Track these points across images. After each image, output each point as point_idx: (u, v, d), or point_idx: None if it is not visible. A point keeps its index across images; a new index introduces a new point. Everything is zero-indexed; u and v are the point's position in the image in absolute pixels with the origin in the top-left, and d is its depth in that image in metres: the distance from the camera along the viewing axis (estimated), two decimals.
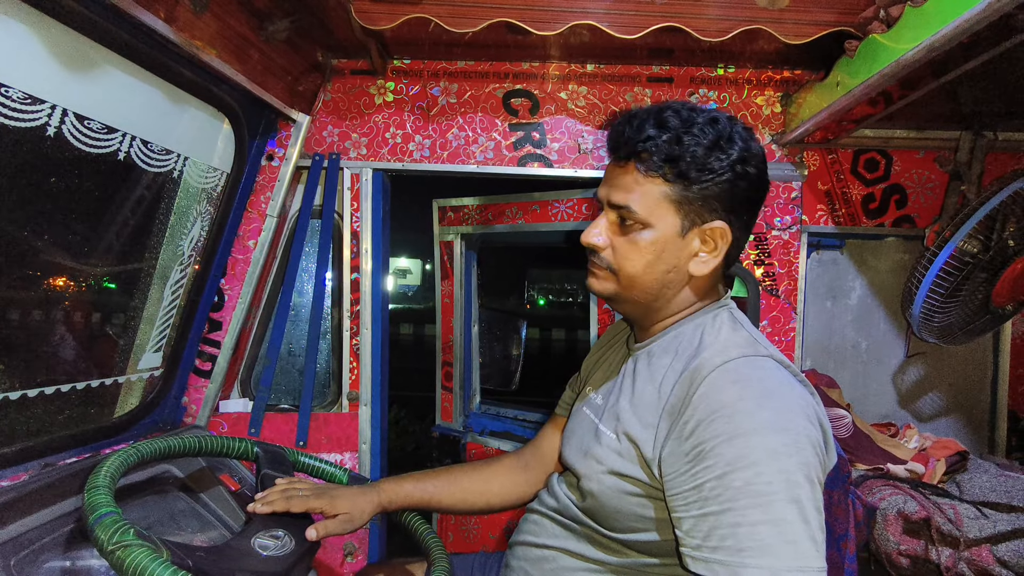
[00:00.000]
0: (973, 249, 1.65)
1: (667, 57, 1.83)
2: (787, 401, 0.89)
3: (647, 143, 0.99)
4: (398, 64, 1.90)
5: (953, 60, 1.31)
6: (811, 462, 0.84)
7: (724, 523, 0.83)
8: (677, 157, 0.98)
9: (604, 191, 1.07)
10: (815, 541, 0.80)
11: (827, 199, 1.97)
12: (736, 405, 0.88)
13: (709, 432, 0.87)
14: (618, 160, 1.03)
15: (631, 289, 1.06)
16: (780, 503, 0.80)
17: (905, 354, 2.11)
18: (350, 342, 1.94)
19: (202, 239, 1.70)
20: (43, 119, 1.14)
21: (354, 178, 1.91)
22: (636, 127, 1.00)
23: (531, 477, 1.38)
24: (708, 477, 0.85)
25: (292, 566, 1.11)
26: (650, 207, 1.01)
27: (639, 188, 1.01)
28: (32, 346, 1.44)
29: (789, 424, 0.86)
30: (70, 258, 1.45)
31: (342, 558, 1.95)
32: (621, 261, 1.05)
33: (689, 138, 0.98)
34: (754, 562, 0.79)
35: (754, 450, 0.83)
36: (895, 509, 1.47)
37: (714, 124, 1.00)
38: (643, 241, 1.02)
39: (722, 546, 0.82)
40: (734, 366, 0.93)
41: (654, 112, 1.01)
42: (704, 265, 1.05)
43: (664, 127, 0.98)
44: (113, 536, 0.84)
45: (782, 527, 0.79)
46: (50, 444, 1.35)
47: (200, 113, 1.56)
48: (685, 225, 1.02)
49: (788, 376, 0.95)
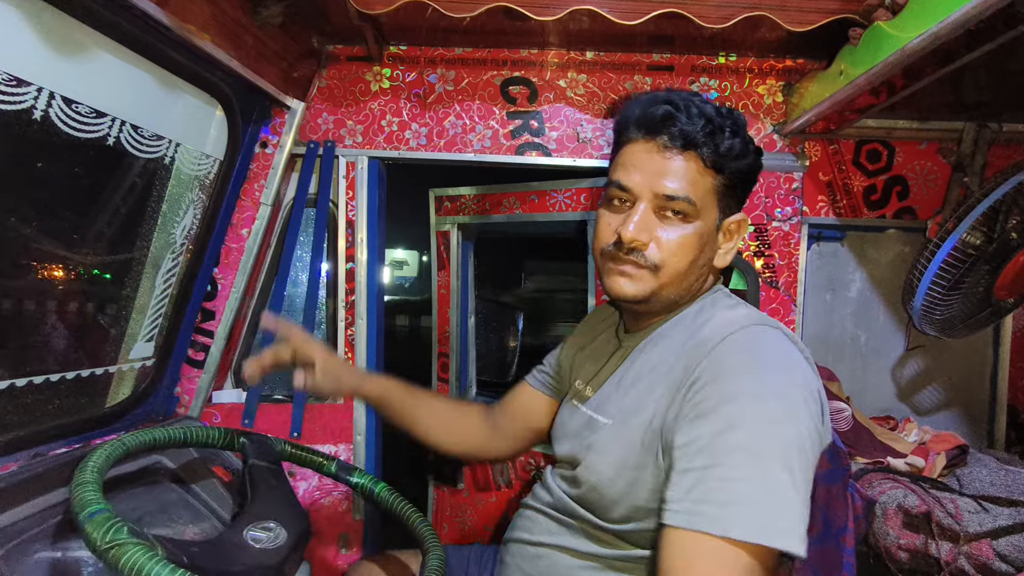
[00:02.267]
0: (976, 241, 1.63)
1: (668, 45, 1.81)
2: (791, 371, 0.89)
3: (707, 133, 0.97)
4: (394, 50, 1.87)
5: (958, 49, 1.29)
6: (808, 434, 0.84)
7: (712, 476, 0.81)
8: (729, 150, 0.99)
9: (643, 178, 1.00)
10: (801, 513, 0.79)
11: (828, 190, 1.95)
12: (740, 368, 0.88)
13: (711, 392, 0.87)
14: (668, 146, 0.98)
15: (669, 287, 1.02)
16: (775, 466, 0.79)
17: (905, 347, 2.10)
18: (345, 332, 1.92)
19: (195, 227, 1.68)
20: (29, 102, 1.11)
21: (349, 166, 1.89)
22: (688, 114, 0.98)
23: (495, 439, 1.41)
24: (703, 432, 0.84)
25: (285, 558, 1.10)
26: (702, 198, 1.00)
27: (697, 178, 0.99)
28: (21, 335, 1.42)
29: (791, 393, 0.86)
30: (59, 246, 1.43)
31: (337, 549, 1.94)
32: (668, 257, 1.00)
33: (730, 130, 0.99)
34: (745, 516, 0.77)
35: (754, 412, 0.83)
36: (895, 503, 1.46)
37: (736, 117, 1.02)
38: (691, 234, 1.00)
39: (708, 499, 0.80)
40: (742, 335, 0.93)
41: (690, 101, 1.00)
42: (726, 256, 1.07)
43: (710, 119, 0.98)
44: (106, 534, 0.83)
45: (774, 489, 0.79)
46: (40, 434, 1.33)
47: (192, 99, 1.53)
48: (720, 218, 1.03)
49: (793, 348, 0.95)
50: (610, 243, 1.03)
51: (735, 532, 0.76)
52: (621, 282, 1.03)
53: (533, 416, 1.37)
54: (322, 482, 1.92)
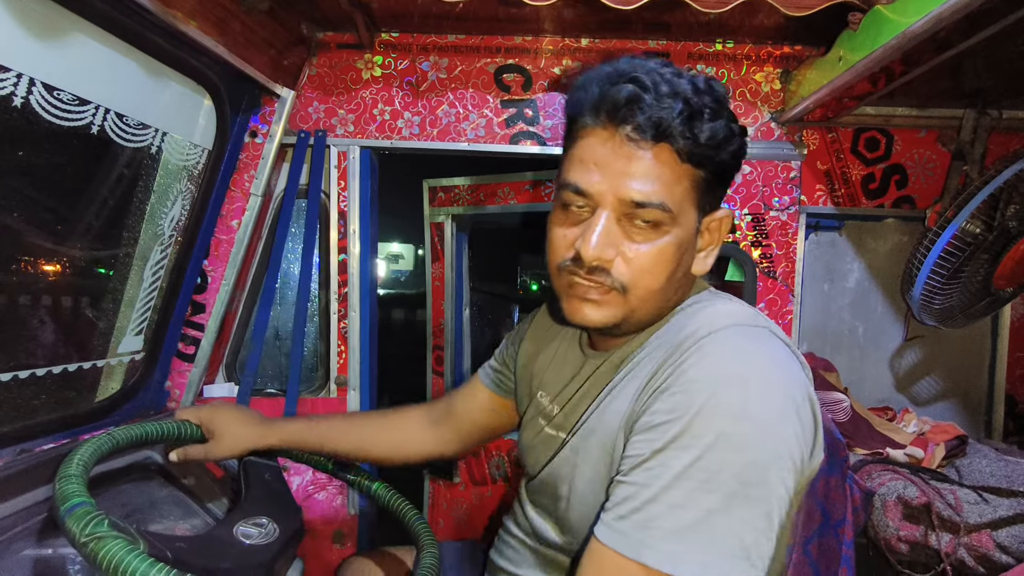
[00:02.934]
0: (975, 230, 1.61)
1: (664, 31, 1.78)
2: (769, 383, 0.74)
3: (684, 119, 0.78)
4: (386, 37, 1.84)
5: (958, 34, 1.27)
6: (771, 460, 0.70)
7: (642, 496, 0.71)
8: (711, 138, 0.79)
9: (605, 180, 0.80)
10: (743, 546, 0.68)
11: (826, 179, 1.93)
12: (709, 378, 0.74)
13: (671, 403, 0.74)
14: (637, 140, 0.79)
15: (641, 309, 0.86)
16: (709, 494, 0.68)
17: (904, 337, 2.09)
18: (338, 325, 1.89)
19: (184, 219, 1.65)
20: (8, 88, 1.08)
21: (341, 156, 1.86)
22: (657, 94, 0.78)
23: (441, 434, 1.29)
24: (648, 448, 0.73)
25: (276, 555, 1.08)
26: (679, 201, 0.81)
27: (672, 177, 0.80)
28: (5, 330, 1.39)
29: (756, 413, 0.71)
30: (44, 238, 1.40)
31: (331, 544, 1.92)
32: (639, 276, 0.82)
33: (710, 111, 0.80)
34: (658, 544, 0.68)
35: (705, 433, 0.70)
36: (895, 494, 1.44)
37: (715, 91, 0.82)
38: (666, 246, 0.82)
39: (631, 518, 0.71)
40: (720, 337, 0.78)
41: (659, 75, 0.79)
42: (706, 261, 0.90)
43: (687, 100, 0.78)
44: (86, 527, 0.80)
45: (705, 519, 0.68)
46: (26, 430, 1.30)
47: (179, 87, 1.50)
48: (699, 218, 0.85)
49: (782, 352, 0.80)
50: (567, 259, 0.85)
51: (648, 559, 0.68)
52: (586, 310, 0.85)
53: (486, 415, 1.27)
54: (316, 477, 1.90)
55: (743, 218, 1.86)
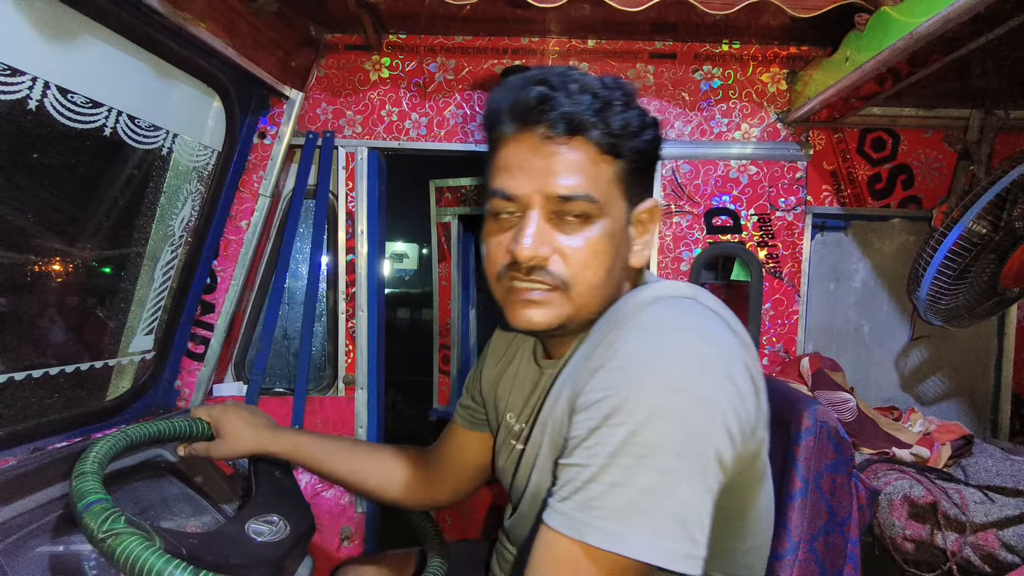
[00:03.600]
0: (982, 230, 1.61)
1: (670, 32, 1.79)
2: (700, 354, 0.74)
3: (595, 111, 0.81)
4: (393, 39, 1.85)
5: (966, 35, 1.27)
6: (704, 431, 0.70)
7: (581, 477, 0.71)
8: (624, 127, 0.82)
9: (529, 181, 0.82)
10: (681, 520, 0.68)
11: (832, 179, 1.93)
12: (636, 353, 0.74)
13: (602, 381, 0.75)
14: (550, 136, 0.81)
15: (586, 306, 0.86)
16: (647, 469, 0.68)
17: (910, 337, 2.09)
18: (345, 325, 1.90)
19: (193, 219, 1.66)
20: (24, 91, 1.09)
21: (349, 157, 1.87)
22: (567, 92, 0.81)
23: (432, 489, 1.29)
24: (585, 428, 0.73)
25: (287, 552, 1.10)
26: (604, 191, 0.83)
27: (594, 169, 0.82)
28: (19, 329, 1.40)
29: (688, 384, 0.71)
30: (57, 239, 1.41)
31: (339, 542, 1.94)
32: (579, 270, 0.83)
33: (620, 103, 0.83)
34: (599, 524, 0.68)
35: (639, 407, 0.70)
36: (901, 494, 1.45)
37: (623, 85, 0.85)
38: (600, 237, 0.83)
39: (573, 499, 0.71)
40: (649, 311, 0.79)
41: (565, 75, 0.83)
42: (643, 253, 0.91)
43: (595, 93, 0.81)
44: (103, 524, 0.82)
45: (643, 496, 0.68)
46: (39, 428, 1.32)
47: (189, 89, 1.51)
48: (628, 209, 0.87)
49: (713, 322, 0.80)
50: (504, 265, 0.86)
51: (590, 538, 0.68)
52: (529, 313, 0.85)
53: (473, 455, 1.25)
54: None
55: (749, 218, 1.86)
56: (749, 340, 0.84)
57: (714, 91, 1.84)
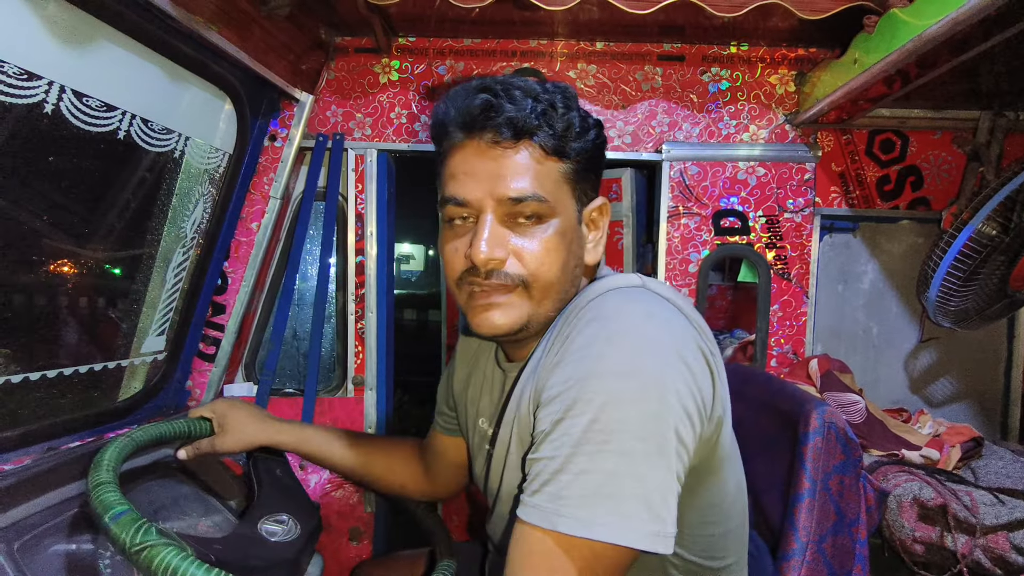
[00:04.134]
0: (991, 232, 1.61)
1: (679, 34, 1.79)
2: (650, 338, 0.76)
3: (539, 114, 0.84)
4: (403, 42, 1.86)
5: (975, 37, 1.27)
6: (661, 411, 0.72)
7: (549, 469, 0.73)
8: (568, 128, 0.86)
9: (480, 186, 0.85)
10: (646, 501, 0.70)
11: (841, 181, 1.93)
12: (588, 343, 0.77)
13: (559, 375, 0.77)
14: (497, 141, 0.84)
15: (545, 303, 0.88)
16: (609, 454, 0.70)
17: (919, 338, 2.08)
18: (355, 326, 1.92)
19: (205, 221, 1.68)
20: (40, 95, 1.11)
21: (358, 159, 1.88)
22: (510, 98, 0.84)
23: (428, 485, 1.32)
24: (547, 421, 0.76)
25: (300, 550, 1.11)
26: (553, 191, 0.86)
27: (541, 170, 0.85)
28: (33, 329, 1.42)
29: (641, 367, 0.73)
30: (70, 240, 1.43)
31: (347, 542, 1.95)
32: (536, 268, 0.86)
33: (562, 106, 0.86)
34: (570, 512, 0.70)
35: (596, 395, 0.72)
36: (910, 495, 1.45)
37: (563, 89, 0.89)
38: (553, 235, 0.86)
39: (543, 491, 0.73)
40: (598, 302, 0.82)
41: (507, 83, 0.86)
42: (596, 250, 0.94)
43: (536, 97, 0.85)
44: (136, 536, 0.82)
45: (607, 480, 0.70)
46: (53, 428, 1.33)
47: (201, 92, 1.53)
48: (578, 208, 0.90)
49: (662, 307, 0.81)
50: (463, 270, 0.88)
51: (561, 526, 0.70)
52: (492, 316, 0.88)
53: (453, 457, 1.29)
54: (333, 476, 1.92)
55: (757, 220, 1.86)
56: (704, 324, 0.86)
57: (722, 93, 1.85)
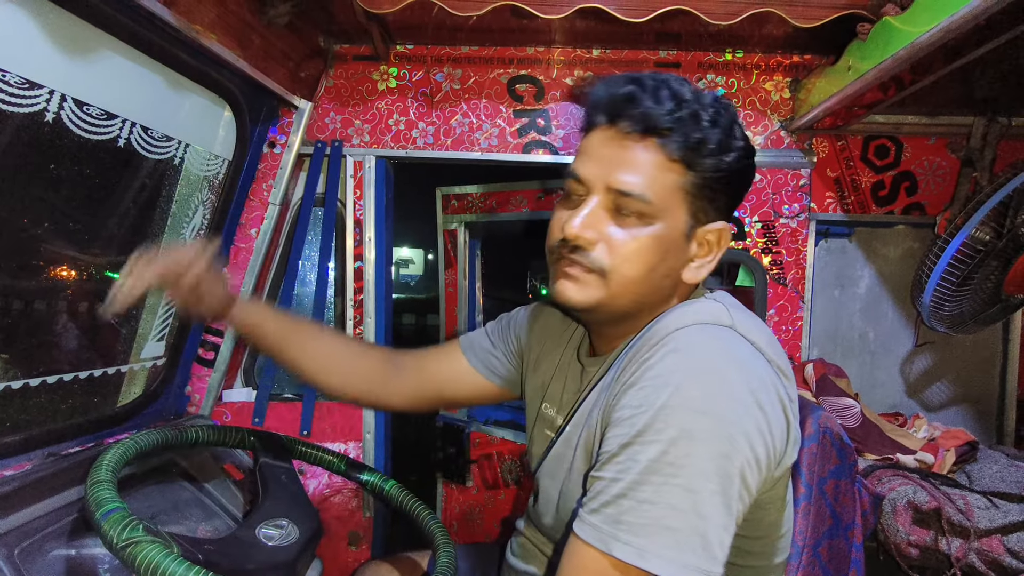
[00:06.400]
0: (985, 237, 1.62)
1: (674, 42, 1.80)
2: (729, 379, 0.77)
3: (675, 118, 0.82)
4: (401, 49, 1.87)
5: (968, 44, 1.28)
6: (732, 453, 0.73)
7: (611, 491, 0.74)
8: (702, 141, 0.83)
9: (597, 169, 0.86)
10: (704, 539, 0.71)
11: (836, 186, 1.94)
12: (669, 374, 0.77)
13: (634, 398, 0.78)
14: (627, 132, 0.84)
15: (621, 297, 0.88)
16: (675, 488, 0.71)
17: (914, 343, 2.09)
18: (354, 331, 1.92)
19: (204, 227, 1.69)
20: (41, 104, 1.12)
21: (357, 165, 1.89)
22: (654, 95, 0.83)
23: (399, 384, 1.24)
24: (616, 443, 0.77)
25: (298, 555, 1.11)
26: (664, 196, 0.85)
27: (658, 172, 0.84)
28: (33, 335, 1.43)
29: (716, 407, 0.74)
30: (71, 246, 1.44)
31: (347, 547, 1.95)
32: (619, 261, 0.86)
33: (708, 118, 0.84)
34: (626, 538, 0.72)
35: (668, 427, 0.73)
36: (905, 499, 1.45)
37: (724, 105, 0.87)
38: (648, 237, 0.86)
39: (603, 512, 0.74)
40: (683, 334, 0.81)
41: (662, 81, 0.85)
42: (699, 271, 0.92)
43: (683, 102, 0.83)
44: (122, 532, 0.84)
45: (669, 513, 0.71)
46: (53, 433, 1.34)
47: (201, 99, 1.54)
48: (691, 224, 0.88)
49: (744, 349, 0.82)
50: (557, 240, 0.90)
51: (617, 552, 0.72)
52: (566, 286, 0.89)
53: (453, 386, 1.25)
54: (332, 480, 1.93)
55: (753, 225, 1.87)
56: (789, 370, 0.87)
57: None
